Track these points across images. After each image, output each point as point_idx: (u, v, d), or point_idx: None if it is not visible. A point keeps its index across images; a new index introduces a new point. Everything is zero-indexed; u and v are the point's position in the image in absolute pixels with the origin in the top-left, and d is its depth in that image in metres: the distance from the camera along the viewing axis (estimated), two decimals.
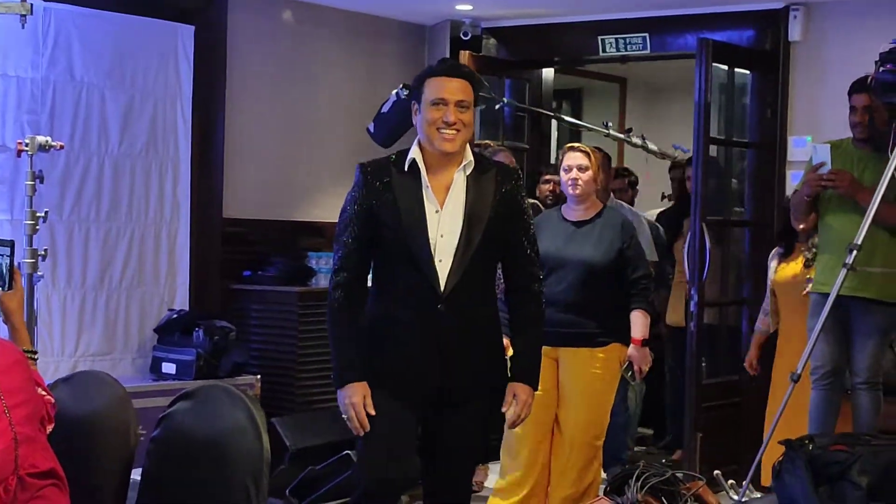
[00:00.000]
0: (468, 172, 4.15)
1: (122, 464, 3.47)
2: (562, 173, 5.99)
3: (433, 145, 4.10)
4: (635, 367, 5.99)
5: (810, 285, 6.25)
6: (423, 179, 4.12)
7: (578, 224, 5.97)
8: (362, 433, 4.04)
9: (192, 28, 7.49)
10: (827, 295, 5.86)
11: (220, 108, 7.59)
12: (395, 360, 4.12)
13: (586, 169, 5.91)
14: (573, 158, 5.95)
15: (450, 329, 4.07)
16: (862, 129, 5.97)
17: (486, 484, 7.15)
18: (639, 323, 5.95)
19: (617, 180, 8.60)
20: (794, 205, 6.16)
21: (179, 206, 7.47)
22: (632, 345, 5.96)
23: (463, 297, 4.06)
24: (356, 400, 4.03)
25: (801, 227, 6.32)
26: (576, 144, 6.10)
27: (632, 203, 8.58)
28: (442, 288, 4.04)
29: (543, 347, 5.55)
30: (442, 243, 4.07)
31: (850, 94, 6.09)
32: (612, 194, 7.36)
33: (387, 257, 4.15)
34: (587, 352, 5.87)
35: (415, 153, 4.16)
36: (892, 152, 5.61)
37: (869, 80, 5.71)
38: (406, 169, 4.13)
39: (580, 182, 5.90)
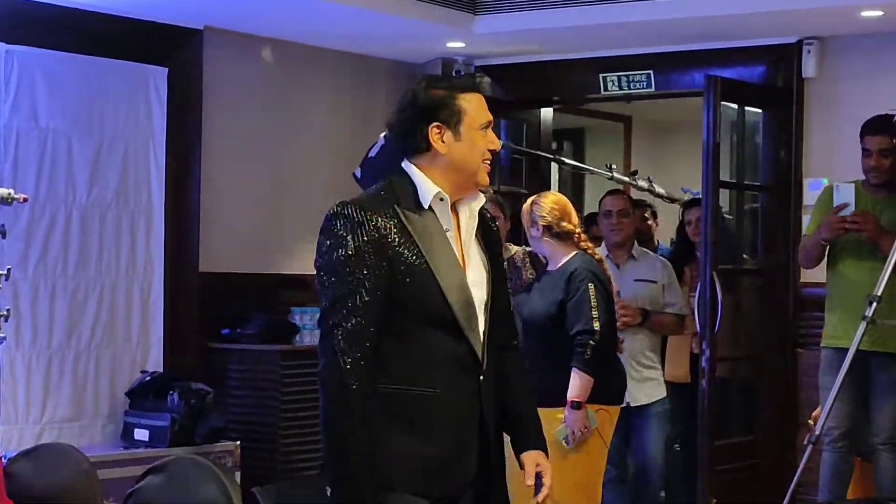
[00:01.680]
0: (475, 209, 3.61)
1: None
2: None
3: (469, 178, 3.52)
4: (568, 432, 5.81)
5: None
6: (442, 220, 3.51)
7: (545, 274, 6.05)
8: None
9: (166, 70, 7.47)
10: (841, 350, 5.87)
11: (195, 154, 7.56)
12: (429, 452, 3.45)
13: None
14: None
15: (488, 408, 3.55)
16: (879, 173, 5.97)
17: None
18: (573, 383, 5.80)
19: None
20: (810, 248, 6.14)
21: (153, 259, 7.43)
22: (566, 406, 5.81)
23: (491, 365, 3.57)
24: None
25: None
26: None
27: (651, 237, 8.51)
28: (481, 355, 3.51)
29: None
30: (475, 300, 3.52)
31: (862, 135, 6.11)
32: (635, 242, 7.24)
33: (407, 320, 3.45)
34: (543, 413, 5.66)
35: (434, 186, 3.49)
36: None
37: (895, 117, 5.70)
38: (421, 206, 3.48)
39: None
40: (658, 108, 10.46)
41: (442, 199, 3.47)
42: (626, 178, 9.27)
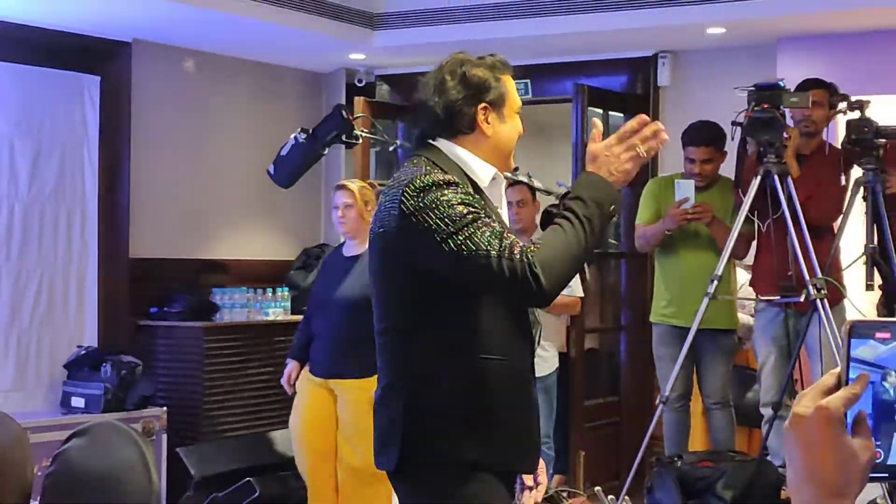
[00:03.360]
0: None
1: (21, 498, 3.43)
2: (333, 212, 5.93)
3: (504, 161, 3.15)
4: None
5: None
6: (495, 200, 3.16)
7: (352, 259, 5.87)
8: None
9: (98, 78, 7.45)
10: (672, 326, 6.01)
11: (125, 154, 7.55)
12: (522, 423, 3.09)
13: (351, 206, 5.80)
14: (340, 196, 5.87)
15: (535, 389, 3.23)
16: (702, 178, 6.06)
17: None
18: None
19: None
20: (651, 236, 6.20)
21: (87, 246, 7.42)
22: None
23: None
24: None
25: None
26: (342, 182, 6.06)
27: None
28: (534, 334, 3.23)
29: (320, 379, 5.76)
30: None
31: (685, 145, 6.17)
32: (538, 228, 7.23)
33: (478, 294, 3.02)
34: (359, 383, 5.61)
35: (491, 166, 3.10)
36: (745, 192, 5.70)
37: (741, 116, 5.74)
38: (476, 185, 3.07)
39: (345, 218, 5.81)
40: (537, 113, 10.48)
41: (495, 179, 3.11)
42: (509, 174, 9.31)
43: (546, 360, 6.55)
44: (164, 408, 7.10)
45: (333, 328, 5.78)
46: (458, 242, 2.87)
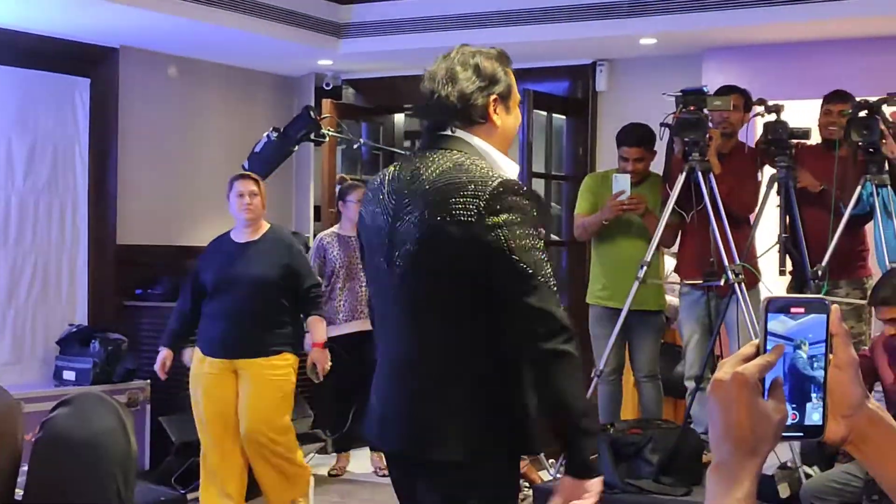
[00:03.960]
0: None
1: (12, 464, 3.41)
2: (234, 199, 5.60)
3: (506, 151, 2.89)
4: (318, 368, 5.84)
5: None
6: None
7: (246, 245, 5.57)
8: None
9: (88, 80, 7.41)
10: (606, 308, 6.06)
11: (113, 150, 7.52)
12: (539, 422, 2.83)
13: (256, 195, 5.58)
14: (244, 185, 5.59)
15: None
16: (634, 175, 6.07)
17: (349, 469, 7.17)
18: (318, 328, 5.75)
19: None
20: (589, 225, 6.21)
21: (78, 234, 7.38)
22: (314, 348, 5.77)
23: None
24: None
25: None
26: (245, 172, 5.82)
27: None
28: None
29: (223, 361, 5.52)
30: None
31: (619, 144, 6.17)
32: None
33: None
34: (267, 361, 5.50)
35: (513, 161, 2.89)
36: (672, 187, 5.74)
37: (670, 120, 5.77)
38: None
39: (252, 206, 5.56)
40: None
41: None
42: None
43: None
44: (148, 381, 7.05)
45: (241, 307, 5.47)
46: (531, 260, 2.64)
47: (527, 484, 6.26)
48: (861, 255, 5.90)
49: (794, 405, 1.27)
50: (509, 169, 2.82)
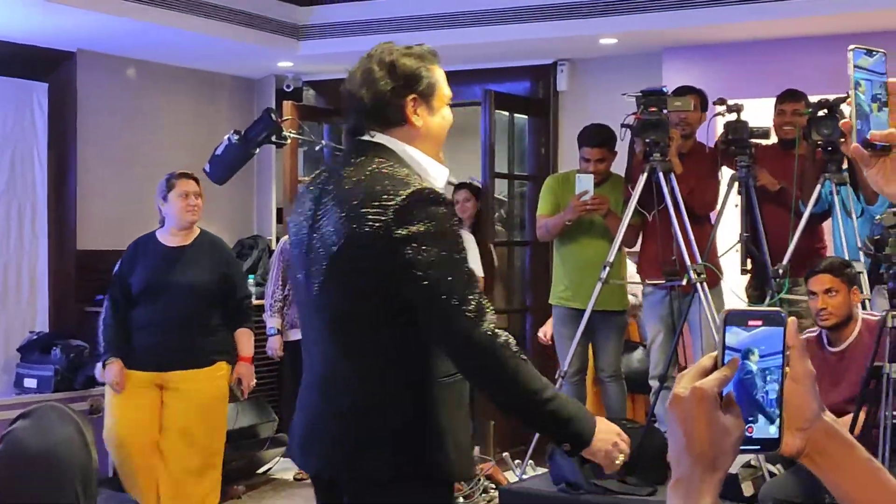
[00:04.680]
0: None
1: None
2: (176, 199, 5.27)
3: (436, 153, 2.75)
4: (244, 383, 5.45)
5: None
6: None
7: (179, 249, 5.28)
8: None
9: (46, 85, 7.37)
10: (569, 308, 6.07)
11: (72, 154, 7.47)
12: (467, 436, 2.74)
13: (199, 196, 5.33)
14: (189, 185, 5.31)
15: None
16: (597, 175, 6.06)
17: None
18: (246, 342, 5.41)
19: None
20: (552, 226, 6.21)
21: (38, 239, 7.34)
22: (241, 362, 5.39)
23: None
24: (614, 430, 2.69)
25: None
26: (187, 172, 5.40)
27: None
28: None
29: (146, 373, 5.14)
30: None
31: (580, 145, 6.17)
32: None
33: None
34: (202, 373, 5.22)
35: (443, 166, 2.75)
36: (634, 185, 5.75)
37: (631, 121, 5.76)
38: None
39: (196, 208, 5.29)
40: (453, 115, 10.54)
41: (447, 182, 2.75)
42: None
43: None
44: None
45: (174, 315, 5.14)
46: (443, 268, 2.50)
47: (493, 485, 6.28)
48: (820, 253, 5.94)
49: (750, 418, 1.27)
50: (436, 173, 2.69)
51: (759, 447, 1.28)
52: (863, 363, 4.54)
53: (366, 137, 2.67)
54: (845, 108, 5.53)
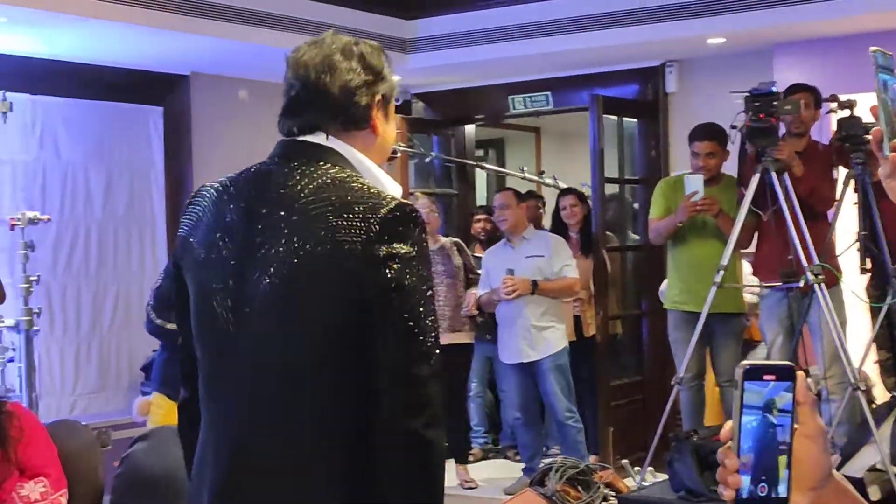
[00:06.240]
0: None
1: (94, 498, 3.47)
2: None
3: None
4: None
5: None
6: None
7: None
8: None
9: (161, 109, 7.53)
10: (685, 312, 5.97)
11: (188, 175, 7.62)
12: None
13: None
14: None
15: None
16: (706, 171, 6.00)
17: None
18: None
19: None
20: (663, 228, 6.15)
21: (157, 260, 7.48)
22: None
23: None
24: None
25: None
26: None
27: (540, 222, 8.11)
28: None
29: None
30: None
31: (691, 140, 6.12)
32: (529, 226, 7.15)
33: None
34: None
35: (395, 182, 2.24)
36: (746, 186, 5.65)
37: (740, 126, 5.68)
38: None
39: None
40: (560, 121, 10.50)
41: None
42: (536, 177, 9.30)
43: (551, 339, 6.53)
44: None
45: None
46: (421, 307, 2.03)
47: (612, 493, 6.21)
48: None
49: (763, 477, 1.21)
50: (394, 190, 2.15)
51: None
52: None
53: (311, 138, 2.17)
54: None
